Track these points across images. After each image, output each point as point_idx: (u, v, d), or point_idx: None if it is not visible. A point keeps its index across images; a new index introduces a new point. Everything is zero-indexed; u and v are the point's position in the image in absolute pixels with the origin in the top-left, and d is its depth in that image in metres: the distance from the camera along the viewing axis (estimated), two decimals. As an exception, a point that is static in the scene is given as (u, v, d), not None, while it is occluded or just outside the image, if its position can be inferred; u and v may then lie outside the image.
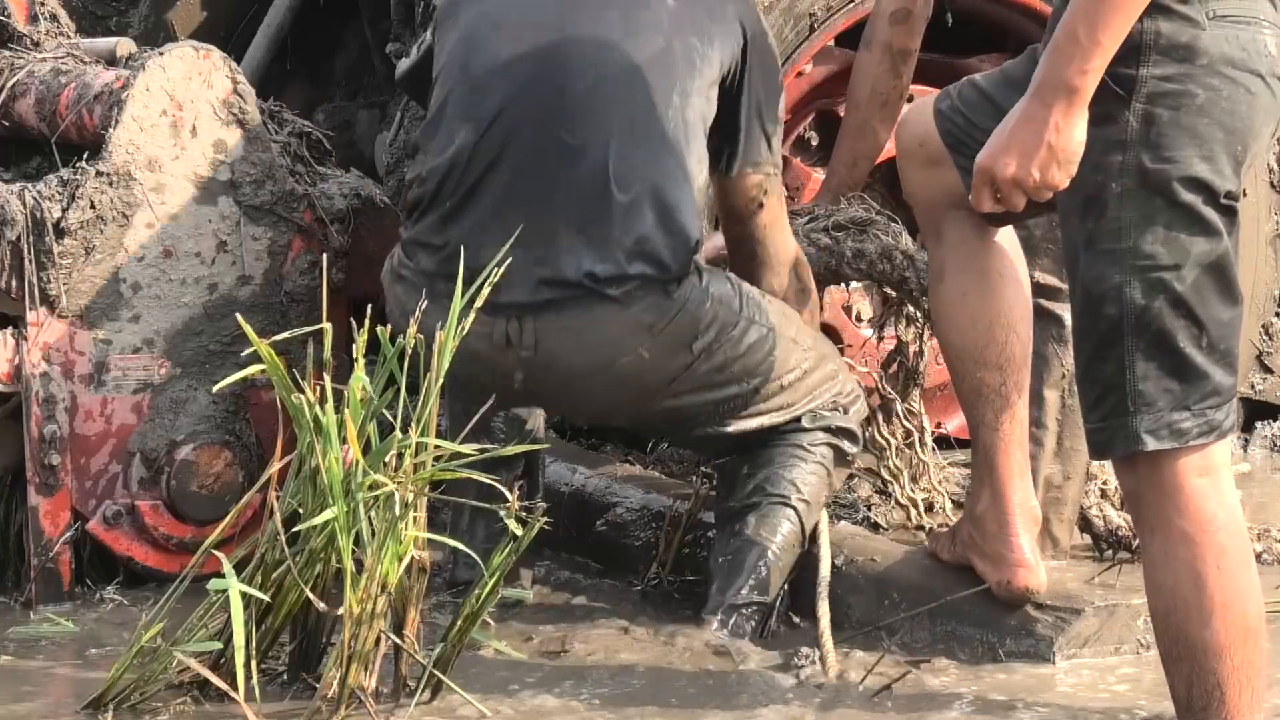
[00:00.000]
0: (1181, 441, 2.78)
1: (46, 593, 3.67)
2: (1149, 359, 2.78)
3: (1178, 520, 2.80)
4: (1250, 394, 5.12)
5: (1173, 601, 2.82)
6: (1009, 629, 3.35)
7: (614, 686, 3.21)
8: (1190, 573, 2.80)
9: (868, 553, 3.63)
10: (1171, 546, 2.81)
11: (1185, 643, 2.82)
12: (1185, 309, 2.77)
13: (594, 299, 3.39)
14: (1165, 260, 2.76)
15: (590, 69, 3.46)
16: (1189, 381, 2.79)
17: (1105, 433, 2.82)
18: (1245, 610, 2.83)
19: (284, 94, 4.86)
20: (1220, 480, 2.84)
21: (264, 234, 3.85)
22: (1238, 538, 2.84)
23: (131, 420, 3.74)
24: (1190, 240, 2.76)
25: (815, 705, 3.13)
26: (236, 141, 3.81)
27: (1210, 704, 2.83)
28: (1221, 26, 2.78)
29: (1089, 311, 2.82)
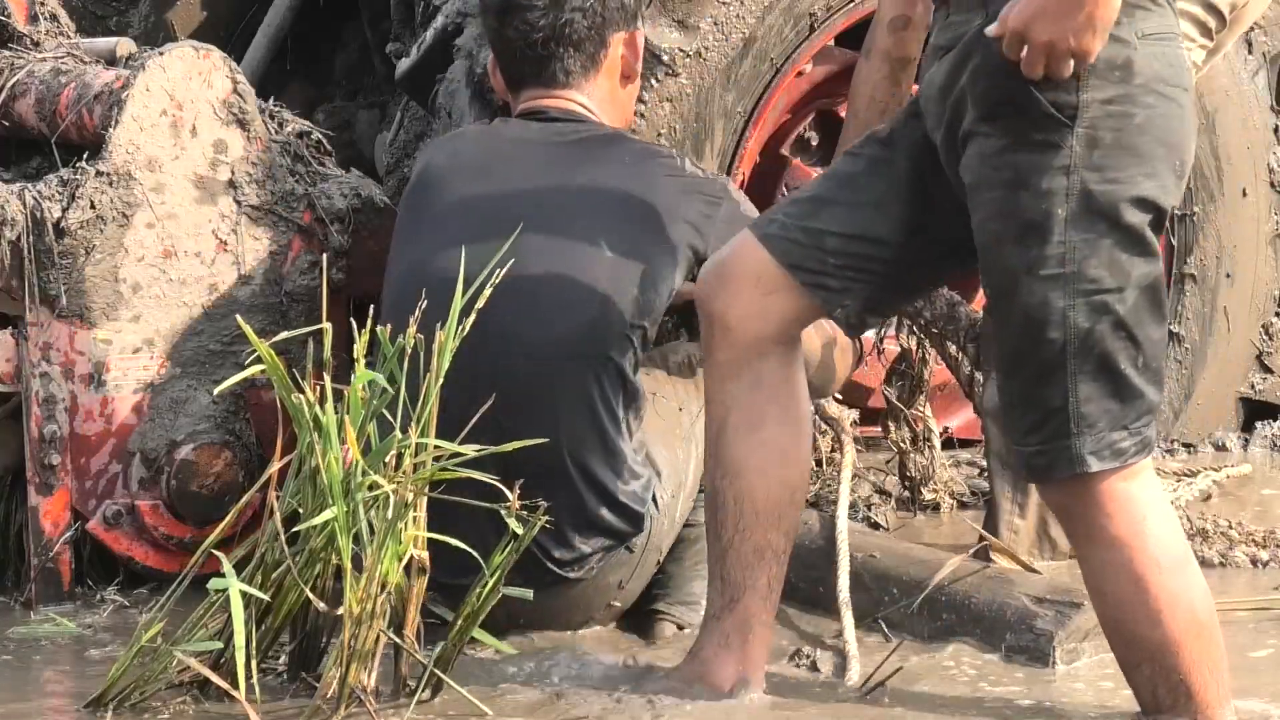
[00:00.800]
0: (1122, 460, 2.83)
1: (46, 593, 3.67)
2: (1092, 381, 2.82)
3: (1110, 527, 2.84)
4: (1250, 394, 5.12)
5: (1119, 607, 2.86)
6: (1009, 623, 3.36)
7: (615, 685, 3.21)
8: (1130, 575, 2.84)
9: (867, 549, 3.63)
10: (1108, 553, 2.85)
11: (1140, 646, 2.86)
12: (1126, 331, 2.82)
13: (560, 583, 3.42)
14: (1109, 284, 2.81)
15: (522, 353, 3.38)
16: (1127, 401, 2.84)
17: (1046, 456, 2.86)
18: (1193, 605, 2.87)
19: (284, 94, 4.86)
20: (1144, 483, 2.88)
21: (264, 234, 3.85)
22: (1171, 535, 2.88)
23: (131, 420, 3.74)
24: (1131, 262, 2.81)
25: (815, 702, 3.13)
26: (236, 141, 3.81)
27: (1178, 700, 2.87)
28: (1150, 45, 2.83)
29: (1030, 336, 2.84)
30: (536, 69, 3.63)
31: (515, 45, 3.63)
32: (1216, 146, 4.85)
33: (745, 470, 3.06)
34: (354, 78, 5.80)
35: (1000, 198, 2.85)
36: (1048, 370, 2.83)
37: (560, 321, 3.38)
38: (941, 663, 3.34)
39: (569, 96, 3.64)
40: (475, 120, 4.17)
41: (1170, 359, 4.98)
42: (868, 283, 3.05)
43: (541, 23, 3.60)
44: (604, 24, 3.63)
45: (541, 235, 3.43)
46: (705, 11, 4.34)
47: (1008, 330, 2.89)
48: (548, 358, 3.37)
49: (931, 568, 3.51)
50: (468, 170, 3.58)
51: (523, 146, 3.59)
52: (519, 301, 3.35)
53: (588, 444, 3.38)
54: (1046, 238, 2.81)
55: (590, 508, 3.40)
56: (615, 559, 3.43)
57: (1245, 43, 4.92)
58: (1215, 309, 4.99)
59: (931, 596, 3.45)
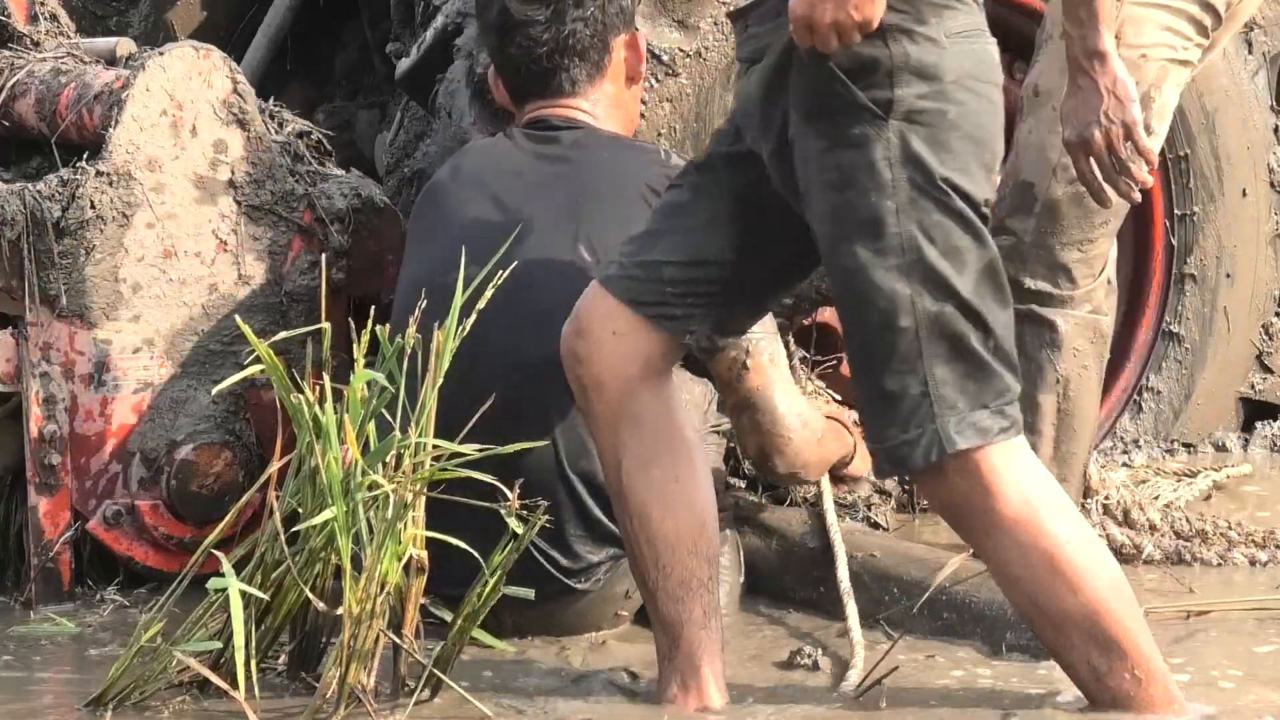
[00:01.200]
0: (986, 438, 2.88)
1: (46, 593, 3.67)
2: (947, 363, 2.88)
3: (1002, 509, 2.89)
4: (1250, 394, 5.12)
5: (1038, 588, 2.90)
6: (1010, 622, 3.35)
7: (615, 685, 3.21)
8: (1040, 552, 2.89)
9: (867, 548, 3.63)
10: (1011, 536, 2.89)
11: (1068, 619, 2.90)
12: (972, 312, 2.88)
13: (568, 594, 3.42)
14: (948, 268, 2.87)
15: (515, 370, 3.39)
16: (983, 381, 2.89)
17: (909, 445, 2.89)
18: (1102, 563, 2.92)
19: (284, 94, 4.86)
20: (1022, 462, 2.92)
21: (264, 234, 3.85)
22: (1063, 502, 2.93)
23: (131, 420, 3.74)
24: (966, 246, 2.88)
25: (816, 703, 3.13)
26: (236, 141, 3.81)
27: (1113, 661, 2.89)
28: (959, 43, 2.92)
29: (885, 327, 2.89)
30: (542, 82, 3.63)
31: (519, 62, 3.62)
32: (1216, 146, 4.85)
33: (649, 510, 3.09)
34: (354, 78, 5.80)
35: (831, 199, 2.91)
36: (903, 359, 2.88)
37: (551, 333, 3.38)
38: (942, 661, 3.34)
39: (573, 105, 3.64)
40: (475, 120, 4.17)
41: (1170, 359, 4.98)
42: (709, 304, 3.10)
43: (545, 37, 3.59)
44: (606, 30, 3.63)
45: (531, 249, 3.44)
46: (705, 11, 4.34)
47: (860, 327, 2.94)
48: (540, 370, 3.35)
49: (932, 567, 3.51)
50: (468, 188, 3.58)
51: (518, 162, 3.59)
52: (512, 317, 3.36)
53: (587, 455, 3.38)
54: (882, 231, 2.87)
55: (596, 517, 3.40)
56: (622, 569, 3.43)
57: (1245, 43, 4.92)
58: (1215, 309, 4.99)
59: (932, 596, 3.45)
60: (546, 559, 3.38)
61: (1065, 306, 3.85)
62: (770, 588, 3.64)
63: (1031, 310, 3.84)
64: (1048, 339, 3.85)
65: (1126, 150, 3.26)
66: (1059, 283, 3.83)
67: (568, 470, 3.39)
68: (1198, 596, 3.70)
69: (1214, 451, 5.05)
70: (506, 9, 3.60)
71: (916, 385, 2.88)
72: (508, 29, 3.62)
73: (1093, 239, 3.83)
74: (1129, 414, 4.98)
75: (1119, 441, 4.96)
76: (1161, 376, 4.99)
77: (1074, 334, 3.85)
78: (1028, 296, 3.83)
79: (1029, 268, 3.83)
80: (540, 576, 3.37)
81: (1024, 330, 3.85)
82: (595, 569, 3.42)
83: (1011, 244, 3.83)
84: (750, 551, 3.72)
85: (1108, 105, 3.31)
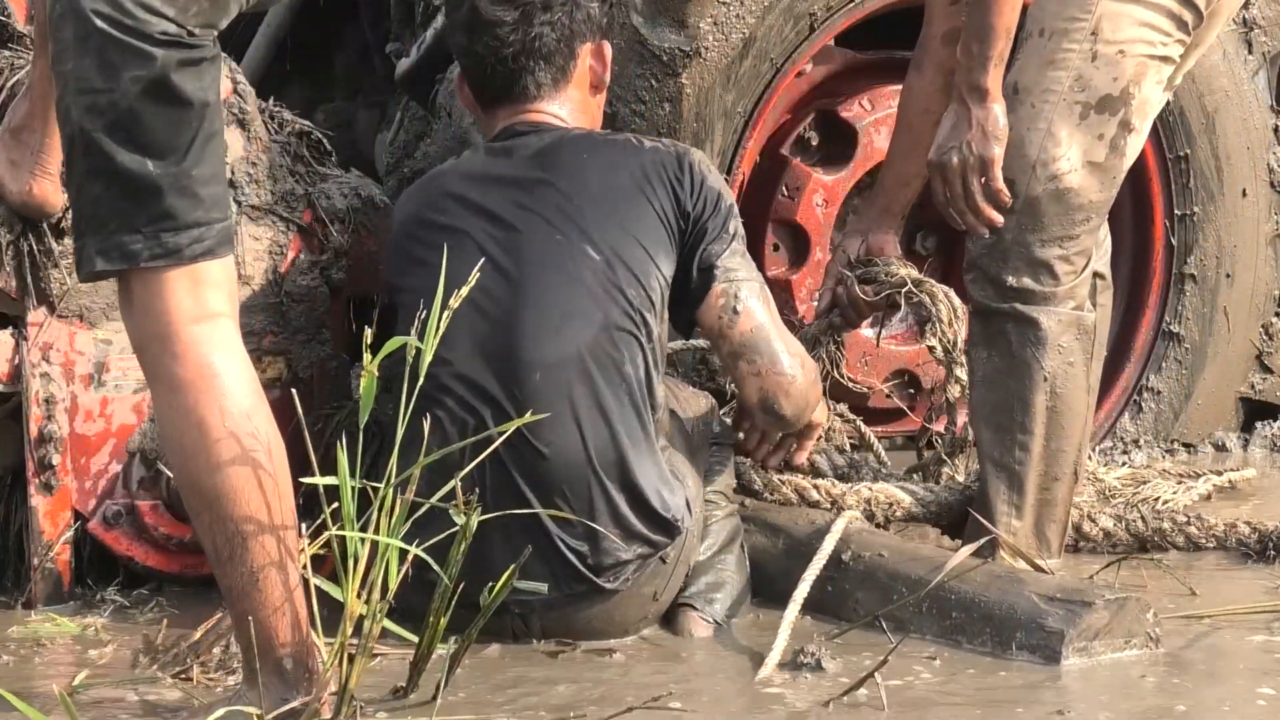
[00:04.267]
0: (131, 263, 2.75)
1: (46, 593, 3.67)
2: (99, 181, 2.74)
3: (177, 369, 2.77)
4: (1250, 394, 5.12)
5: (181, 452, 2.79)
6: (1019, 621, 3.35)
7: (616, 684, 3.21)
8: (195, 419, 2.77)
9: (874, 547, 3.63)
10: (174, 396, 2.78)
11: (201, 493, 2.78)
12: (124, 131, 2.73)
13: (596, 593, 3.42)
14: (99, 83, 2.72)
15: (536, 369, 3.39)
16: (138, 202, 2.75)
17: (75, 256, 2.81)
18: (262, 449, 2.78)
19: (284, 94, 4.86)
20: (220, 329, 2.80)
21: (264, 234, 3.85)
22: (240, 383, 2.80)
23: (131, 420, 3.74)
24: (122, 64, 2.72)
25: (818, 701, 3.13)
26: (236, 141, 3.81)
27: (234, 554, 2.78)
28: None
29: (60, 134, 2.80)
30: (507, 84, 3.64)
31: (485, 61, 3.63)
32: (1216, 146, 4.86)
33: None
34: (354, 78, 5.81)
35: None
36: (69, 170, 2.79)
37: (565, 334, 3.40)
38: (950, 661, 3.34)
39: (540, 109, 3.64)
40: (474, 121, 4.17)
41: (1170, 359, 4.99)
42: None
43: (511, 38, 3.60)
44: (572, 36, 3.64)
45: (538, 253, 3.46)
46: (705, 11, 4.35)
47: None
48: (562, 373, 3.39)
49: (938, 566, 3.51)
50: (453, 206, 3.57)
51: (499, 169, 3.58)
52: (524, 323, 3.40)
53: (619, 451, 3.40)
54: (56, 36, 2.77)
55: (625, 514, 3.41)
56: (651, 569, 3.44)
57: (1245, 43, 4.93)
58: (1215, 309, 4.99)
59: (940, 595, 3.45)
60: (577, 556, 3.39)
61: (1048, 304, 3.85)
62: (777, 589, 3.62)
63: (1014, 308, 3.84)
64: (1032, 337, 3.85)
65: (978, 184, 3.69)
66: (1041, 280, 3.84)
67: (597, 467, 3.39)
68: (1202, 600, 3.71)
69: (1214, 451, 5.05)
70: (476, 8, 3.61)
71: (77, 196, 2.78)
72: (475, 28, 3.62)
73: (1074, 235, 3.84)
74: (1129, 414, 4.99)
75: (1119, 441, 4.96)
76: (1161, 376, 5.00)
77: (1058, 331, 3.85)
78: (1010, 294, 3.84)
79: (1010, 265, 3.84)
80: (570, 575, 3.39)
81: (1008, 328, 3.86)
82: (624, 567, 3.42)
83: (992, 242, 3.84)
84: (756, 551, 3.72)
85: (974, 137, 3.70)
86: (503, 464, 3.35)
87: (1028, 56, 3.83)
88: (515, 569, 3.01)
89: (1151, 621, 3.36)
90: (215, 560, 2.80)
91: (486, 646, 3.33)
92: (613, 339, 3.43)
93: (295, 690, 2.81)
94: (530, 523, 3.35)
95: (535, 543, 3.31)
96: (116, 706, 3.05)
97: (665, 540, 3.45)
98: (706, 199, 3.55)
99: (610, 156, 3.57)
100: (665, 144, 3.62)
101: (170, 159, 2.75)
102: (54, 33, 2.76)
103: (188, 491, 2.80)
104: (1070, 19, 3.80)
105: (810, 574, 3.51)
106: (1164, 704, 3.11)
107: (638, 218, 3.51)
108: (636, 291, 3.46)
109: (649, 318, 3.47)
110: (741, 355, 3.58)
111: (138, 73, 2.72)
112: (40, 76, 3.38)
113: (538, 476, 3.38)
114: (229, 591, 2.81)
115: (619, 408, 3.42)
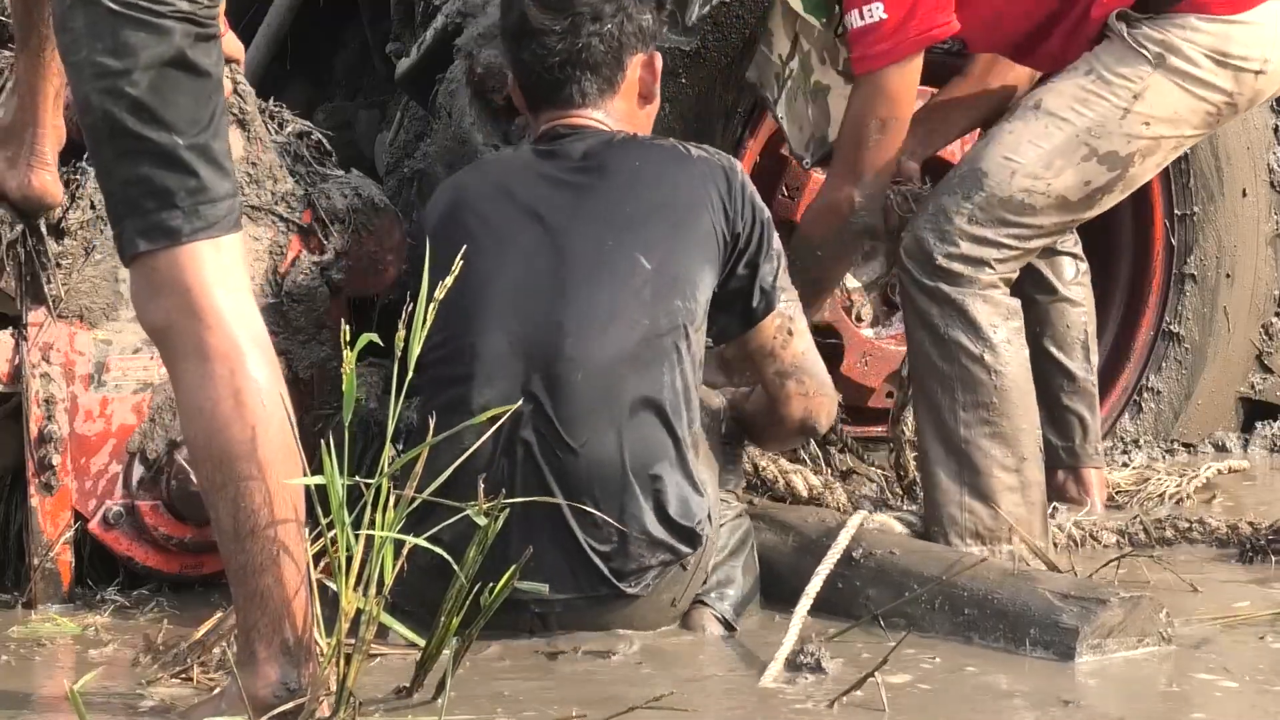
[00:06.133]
0: (174, 240, 2.76)
1: (46, 593, 3.67)
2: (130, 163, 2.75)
3: (210, 338, 2.76)
4: (1250, 394, 5.12)
5: (213, 422, 2.76)
6: (1033, 618, 3.35)
7: (617, 684, 3.21)
8: (231, 389, 2.76)
9: (885, 545, 3.63)
10: (209, 365, 2.76)
11: (228, 464, 2.75)
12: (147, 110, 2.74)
13: (617, 598, 3.43)
14: (117, 66, 2.73)
15: (579, 368, 3.40)
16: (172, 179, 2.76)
17: (115, 244, 2.81)
18: (284, 424, 2.79)
19: (284, 94, 4.86)
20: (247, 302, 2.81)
21: (264, 234, 3.85)
22: (271, 357, 2.80)
23: (131, 420, 3.74)
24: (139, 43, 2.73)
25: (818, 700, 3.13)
26: (236, 141, 3.80)
27: (256, 528, 2.75)
28: None
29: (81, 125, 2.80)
30: (553, 92, 3.63)
31: (533, 69, 3.62)
32: (1216, 146, 4.85)
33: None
34: (354, 78, 5.81)
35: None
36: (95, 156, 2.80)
37: (616, 336, 3.41)
38: (964, 658, 3.34)
39: (586, 115, 3.63)
40: (475, 120, 4.17)
41: (1170, 359, 4.99)
42: None
43: (559, 47, 3.59)
44: (621, 48, 3.62)
45: (584, 253, 3.47)
46: (705, 12, 4.34)
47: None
48: (604, 374, 3.39)
49: (949, 563, 3.51)
50: (493, 201, 3.57)
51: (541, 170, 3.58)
52: (569, 324, 3.41)
53: (652, 456, 3.41)
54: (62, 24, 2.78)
55: (654, 522, 3.40)
56: (671, 576, 3.45)
57: (1245, 43, 4.92)
58: (1215, 309, 4.99)
59: (953, 591, 3.45)
60: (602, 559, 3.39)
61: (974, 287, 3.85)
62: (787, 587, 3.62)
63: (940, 289, 3.84)
64: (959, 320, 3.85)
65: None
66: (976, 269, 3.85)
67: (630, 475, 3.39)
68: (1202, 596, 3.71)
69: (1214, 451, 5.05)
70: (525, 15, 3.60)
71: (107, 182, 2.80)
72: (523, 35, 3.62)
73: (1016, 248, 3.89)
74: (1129, 414, 4.99)
75: (1119, 441, 4.96)
76: (1161, 376, 4.99)
77: (987, 312, 3.85)
78: (938, 274, 3.84)
79: (946, 247, 3.84)
80: (593, 578, 3.39)
81: (933, 312, 3.86)
82: (646, 573, 3.43)
83: (940, 219, 3.84)
84: (765, 549, 3.72)
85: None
86: (534, 459, 3.35)
87: (1065, 86, 3.90)
88: (518, 568, 3.00)
89: (1164, 620, 3.36)
90: (233, 536, 2.76)
91: (487, 647, 3.33)
92: (656, 347, 3.43)
93: (299, 671, 2.78)
94: (556, 521, 3.35)
95: (560, 542, 3.32)
96: (117, 706, 3.05)
97: (688, 550, 3.44)
98: (754, 216, 3.56)
99: (661, 165, 3.56)
100: (710, 153, 3.62)
101: (196, 132, 2.77)
102: (64, 24, 2.76)
103: (213, 465, 2.77)
104: (1121, 75, 3.87)
105: (821, 572, 3.51)
106: (1176, 704, 3.12)
107: (690, 230, 3.50)
108: (683, 303, 3.46)
109: (690, 330, 3.48)
110: (791, 375, 3.65)
111: (156, 50, 2.74)
112: (25, 69, 3.38)
113: (569, 475, 3.37)
114: (242, 569, 2.78)
115: (657, 415, 3.42)
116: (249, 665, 2.79)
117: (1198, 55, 3.86)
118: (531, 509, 3.26)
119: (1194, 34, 3.86)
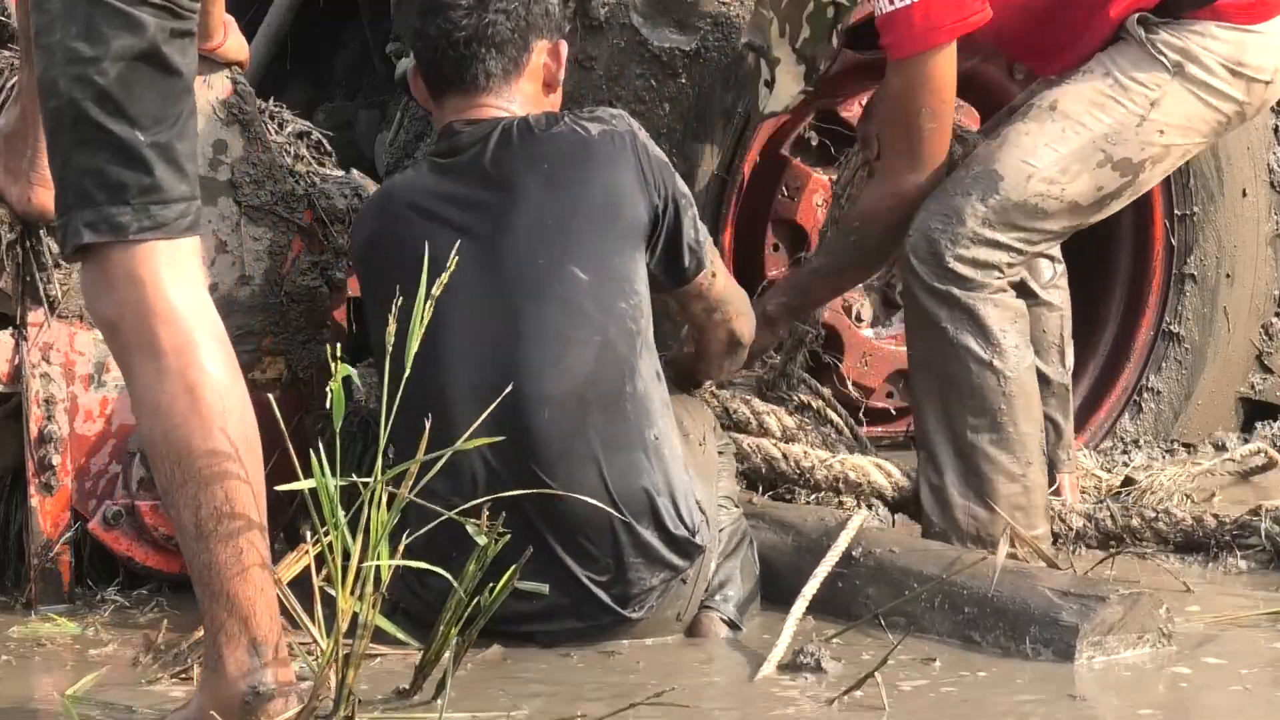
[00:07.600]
0: (120, 235, 2.71)
1: (46, 593, 3.67)
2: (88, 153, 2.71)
3: (164, 333, 2.71)
4: (1250, 394, 5.12)
5: (169, 419, 2.71)
6: (1033, 616, 3.35)
7: (616, 684, 3.21)
8: (185, 384, 2.71)
9: (885, 544, 3.63)
10: (162, 360, 2.71)
11: (187, 461, 2.70)
12: (113, 101, 2.70)
13: (621, 623, 3.43)
14: (87, 52, 2.70)
15: (543, 406, 3.35)
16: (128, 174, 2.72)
17: (60, 231, 2.77)
18: (244, 418, 2.74)
19: (284, 94, 4.86)
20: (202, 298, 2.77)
21: (264, 234, 3.85)
22: (226, 353, 2.75)
23: (131, 420, 3.74)
24: (112, 32, 2.69)
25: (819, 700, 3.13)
26: (236, 141, 3.81)
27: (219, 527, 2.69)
28: None
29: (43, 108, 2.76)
30: (458, 71, 3.56)
31: (437, 44, 3.56)
32: (1216, 147, 4.85)
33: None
34: (354, 78, 5.80)
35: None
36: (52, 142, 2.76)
37: (565, 364, 3.37)
38: (964, 656, 3.34)
39: (490, 103, 3.57)
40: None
41: (1170, 359, 4.99)
42: None
43: (465, 22, 3.55)
44: (527, 28, 3.58)
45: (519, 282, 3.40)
46: (705, 11, 4.34)
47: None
48: (569, 407, 3.36)
49: (948, 562, 3.51)
50: (419, 224, 3.46)
51: (450, 189, 3.49)
52: (523, 356, 3.36)
53: (636, 476, 3.38)
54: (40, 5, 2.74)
55: (648, 541, 3.39)
56: (673, 592, 3.44)
57: (1245, 43, 4.92)
58: (1215, 309, 4.99)
59: (953, 590, 3.45)
60: (602, 588, 3.38)
61: (984, 291, 3.85)
62: (786, 586, 3.62)
63: (950, 292, 3.83)
64: (968, 324, 3.84)
65: None
66: (986, 273, 3.84)
67: (617, 500, 3.36)
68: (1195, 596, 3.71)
69: (1214, 451, 5.05)
70: None
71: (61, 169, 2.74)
72: (430, 10, 3.58)
73: (1024, 250, 3.89)
74: (1129, 414, 4.99)
75: (1119, 441, 4.96)
76: (1161, 376, 5.00)
77: (998, 316, 3.85)
78: (949, 277, 3.83)
79: (957, 249, 3.82)
80: (595, 609, 3.39)
81: (941, 314, 3.85)
82: (649, 595, 3.42)
83: (951, 219, 3.83)
84: (765, 548, 3.72)
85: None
86: (519, 506, 3.21)
87: (1081, 89, 3.88)
88: (515, 569, 3.00)
89: (1164, 617, 3.36)
90: (195, 535, 2.70)
91: (487, 647, 3.33)
92: (613, 358, 3.39)
93: (267, 670, 2.73)
94: (549, 558, 3.33)
95: (557, 578, 3.31)
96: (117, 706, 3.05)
97: (686, 563, 3.44)
98: (662, 175, 3.51)
99: (570, 161, 3.47)
100: (607, 123, 3.52)
101: (160, 130, 2.73)
102: (41, 4, 2.73)
103: (171, 462, 2.72)
104: (1139, 82, 3.87)
105: (819, 573, 3.51)
106: (1176, 701, 3.13)
107: (613, 224, 3.46)
108: (626, 303, 3.42)
109: (643, 322, 3.45)
110: (716, 308, 3.69)
111: (129, 41, 2.70)
112: (30, 81, 3.36)
113: (556, 516, 3.34)
114: (206, 569, 2.72)
115: (632, 433, 3.39)
116: (216, 668, 2.74)
117: (1214, 64, 3.86)
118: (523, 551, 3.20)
119: (1212, 42, 3.86)
